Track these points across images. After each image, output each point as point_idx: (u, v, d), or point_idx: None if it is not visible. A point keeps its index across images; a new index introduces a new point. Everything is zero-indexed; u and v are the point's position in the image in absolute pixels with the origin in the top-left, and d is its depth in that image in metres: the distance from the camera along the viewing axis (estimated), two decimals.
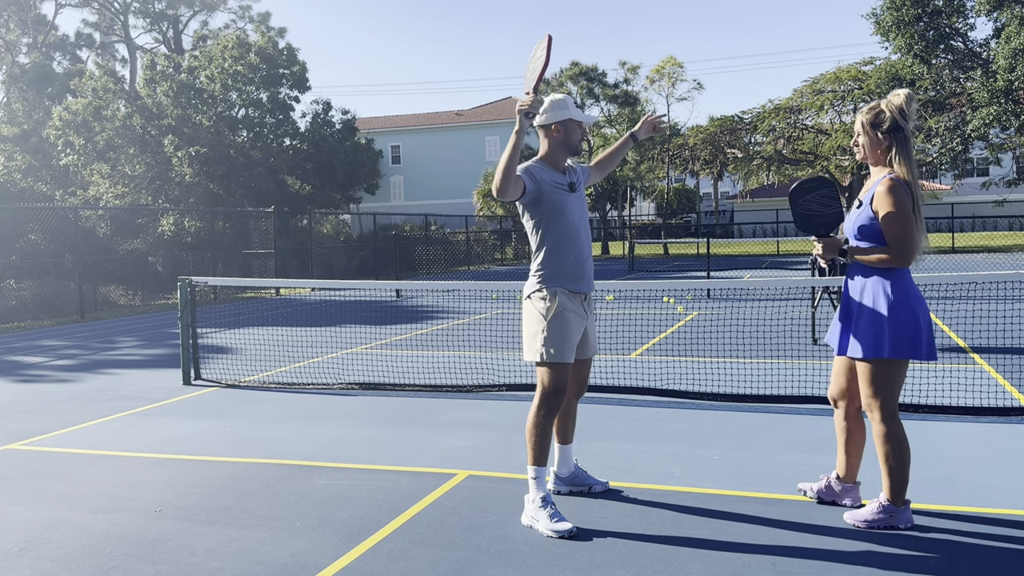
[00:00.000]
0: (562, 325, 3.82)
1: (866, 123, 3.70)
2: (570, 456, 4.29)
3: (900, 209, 3.55)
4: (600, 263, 32.55)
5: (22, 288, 16.29)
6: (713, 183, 48.71)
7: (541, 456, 3.83)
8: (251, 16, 42.92)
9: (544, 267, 3.89)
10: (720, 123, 33.46)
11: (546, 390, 3.82)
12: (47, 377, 8.67)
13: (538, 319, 3.84)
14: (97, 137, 24.38)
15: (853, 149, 3.90)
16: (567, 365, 3.84)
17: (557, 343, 3.80)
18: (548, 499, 3.81)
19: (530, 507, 3.85)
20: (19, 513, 4.28)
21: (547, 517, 3.75)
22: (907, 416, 5.75)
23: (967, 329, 9.83)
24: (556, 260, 3.88)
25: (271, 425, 6.11)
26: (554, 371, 3.81)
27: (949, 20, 25.40)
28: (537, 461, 3.84)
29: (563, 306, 3.83)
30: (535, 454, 3.84)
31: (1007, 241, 35.48)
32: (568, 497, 4.24)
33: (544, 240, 3.89)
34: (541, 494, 3.81)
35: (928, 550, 3.50)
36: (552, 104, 3.93)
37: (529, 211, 3.92)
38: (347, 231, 34.68)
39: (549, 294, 3.85)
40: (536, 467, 3.84)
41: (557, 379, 3.81)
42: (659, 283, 7.43)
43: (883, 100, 3.73)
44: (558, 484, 4.30)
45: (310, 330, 11.95)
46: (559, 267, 3.88)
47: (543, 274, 3.89)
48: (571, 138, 3.96)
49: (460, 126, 53.59)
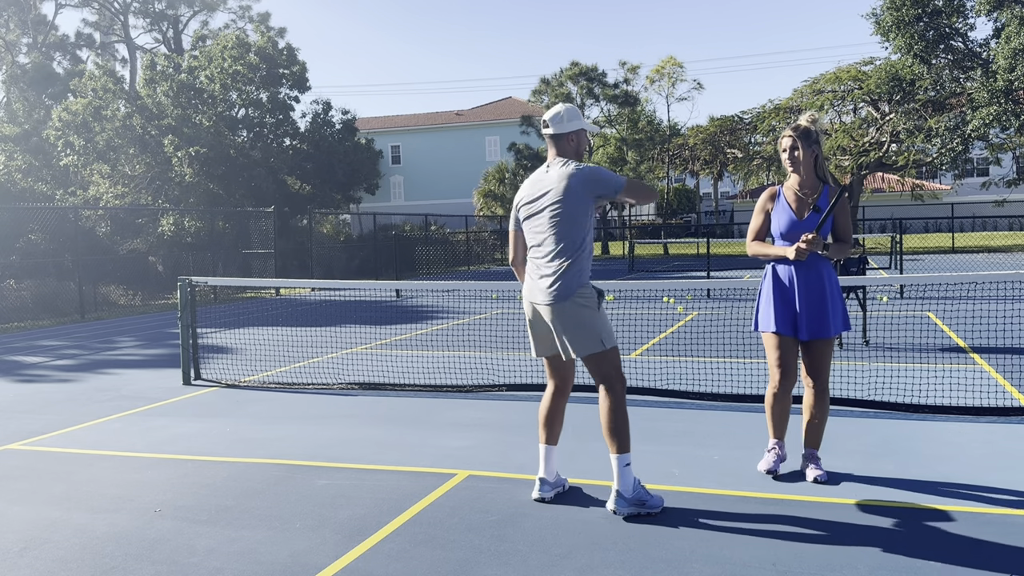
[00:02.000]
0: (604, 315, 4.08)
1: (803, 139, 4.33)
2: (555, 458, 4.28)
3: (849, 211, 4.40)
4: (600, 263, 32.56)
5: (22, 288, 16.29)
6: (713, 183, 48.71)
7: (627, 442, 3.98)
8: (251, 16, 42.96)
9: (584, 266, 4.06)
10: (720, 123, 33.42)
11: (617, 372, 4.01)
12: (47, 377, 8.67)
13: (593, 313, 4.00)
14: (97, 137, 24.38)
15: (785, 162, 4.43)
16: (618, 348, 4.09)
17: (610, 330, 4.04)
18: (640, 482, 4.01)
19: (630, 496, 3.93)
20: (19, 513, 4.28)
21: (649, 496, 3.97)
22: (907, 416, 5.76)
23: (967, 329, 9.83)
24: (589, 260, 4.12)
25: (271, 425, 6.11)
26: (615, 355, 4.02)
27: (949, 20, 25.39)
28: (625, 448, 3.96)
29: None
30: (623, 441, 3.96)
31: (1007, 241, 35.48)
32: (565, 497, 4.24)
33: (586, 242, 4.08)
34: (634, 479, 3.98)
35: (928, 550, 3.50)
36: (568, 113, 4.13)
37: (590, 211, 4.07)
38: (347, 231, 34.71)
39: (591, 289, 4.04)
40: (623, 455, 3.96)
41: (619, 360, 4.05)
42: (659, 283, 7.45)
43: (804, 119, 4.37)
44: (544, 489, 4.21)
45: (310, 330, 11.95)
46: (589, 266, 4.12)
47: (583, 274, 4.05)
48: (582, 146, 4.19)
49: (460, 126, 53.58)
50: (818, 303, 4.29)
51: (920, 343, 8.99)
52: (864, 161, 29.07)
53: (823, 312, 4.29)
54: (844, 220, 4.35)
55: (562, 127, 4.11)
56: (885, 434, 5.30)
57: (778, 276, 4.40)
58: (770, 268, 4.46)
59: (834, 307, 4.31)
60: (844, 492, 4.23)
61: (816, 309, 4.30)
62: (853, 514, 3.92)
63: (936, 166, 29.03)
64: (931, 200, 40.87)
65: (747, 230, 4.57)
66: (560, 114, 4.13)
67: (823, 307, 4.29)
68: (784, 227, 4.37)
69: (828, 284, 4.32)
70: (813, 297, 4.30)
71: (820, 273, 4.32)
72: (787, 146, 4.36)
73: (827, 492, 4.23)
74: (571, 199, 3.98)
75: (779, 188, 4.52)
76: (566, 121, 4.12)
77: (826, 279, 4.32)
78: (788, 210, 4.38)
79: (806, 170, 4.36)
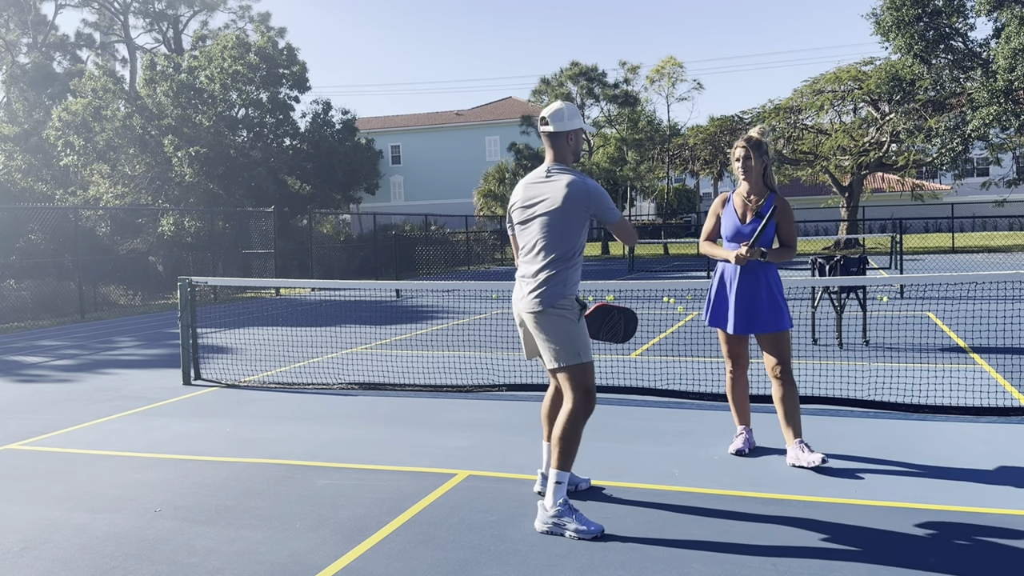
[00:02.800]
0: (583, 327, 3.97)
1: (755, 149, 4.68)
2: None
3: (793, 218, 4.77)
4: (600, 263, 32.56)
5: (22, 288, 16.29)
6: (713, 183, 48.63)
7: (569, 461, 3.84)
8: (251, 16, 42.96)
9: (568, 277, 3.94)
10: (720, 123, 33.40)
11: (584, 390, 3.86)
12: (47, 377, 8.67)
13: (567, 324, 3.89)
14: (97, 137, 24.38)
15: (738, 170, 4.75)
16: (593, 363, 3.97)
17: (586, 344, 3.93)
18: (569, 502, 3.81)
19: (549, 512, 3.79)
20: (19, 513, 4.28)
21: (577, 520, 3.75)
22: (907, 416, 5.76)
23: (967, 329, 9.83)
24: (576, 271, 4.00)
25: (271, 425, 6.11)
26: (589, 371, 3.89)
27: (949, 20, 25.38)
28: (564, 465, 3.82)
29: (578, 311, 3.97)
30: (564, 458, 3.82)
31: (1007, 241, 35.48)
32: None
33: (575, 253, 3.98)
34: (562, 498, 3.79)
35: (928, 550, 3.50)
36: (569, 110, 4.03)
37: (584, 223, 3.96)
38: (347, 231, 34.68)
39: (571, 301, 3.93)
40: (561, 471, 3.82)
41: (592, 377, 3.91)
42: (659, 283, 7.46)
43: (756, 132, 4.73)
44: (545, 485, 4.26)
45: (310, 330, 11.95)
46: (575, 277, 3.99)
47: (567, 284, 3.94)
48: (579, 145, 4.10)
49: (460, 126, 53.57)
50: (751, 301, 4.68)
51: (920, 343, 8.99)
52: (864, 161, 29.06)
53: (755, 310, 4.67)
54: (788, 227, 4.73)
55: (563, 125, 3.98)
56: (885, 434, 5.30)
57: (721, 276, 4.86)
58: (718, 268, 4.91)
59: (771, 305, 4.66)
60: (844, 492, 4.23)
61: (749, 307, 4.68)
62: (853, 514, 3.92)
63: (936, 166, 29.01)
64: (931, 200, 40.87)
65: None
66: (561, 111, 4.00)
67: (758, 304, 4.67)
68: (729, 231, 4.80)
69: (765, 284, 4.68)
70: (748, 296, 4.69)
71: (758, 275, 4.70)
72: (740, 156, 4.73)
73: (827, 492, 4.23)
74: (570, 211, 3.88)
75: (730, 194, 4.90)
76: (567, 119, 3.99)
77: (763, 280, 4.69)
78: (734, 215, 4.79)
79: (755, 178, 4.74)
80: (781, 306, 4.68)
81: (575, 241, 3.94)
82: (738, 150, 4.74)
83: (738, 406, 5.00)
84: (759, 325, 4.68)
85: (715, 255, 4.84)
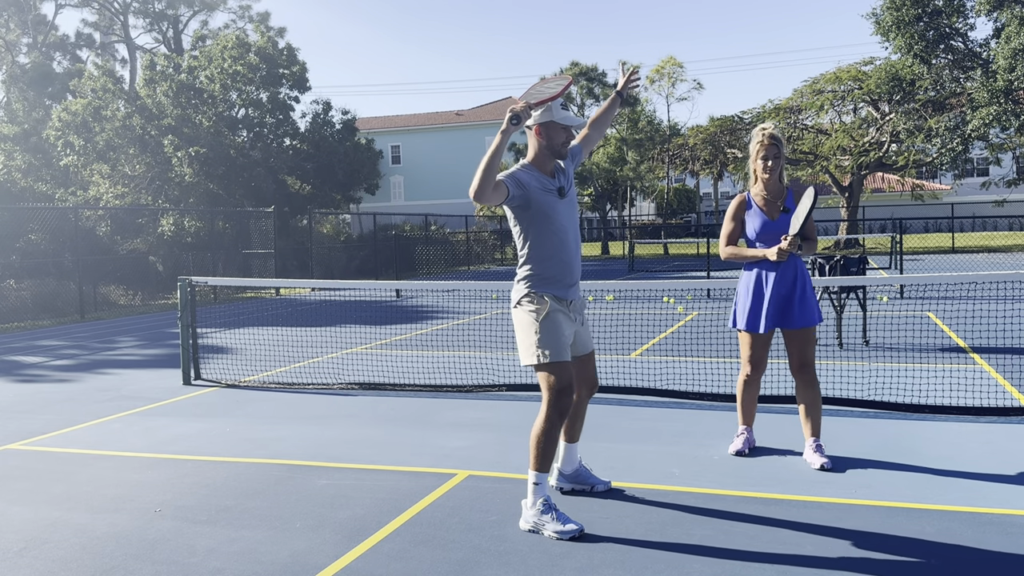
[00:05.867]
0: (554, 324, 3.80)
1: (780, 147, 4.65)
2: (575, 454, 4.29)
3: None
4: (600, 263, 32.55)
5: (22, 288, 16.29)
6: (713, 183, 48.66)
7: (545, 462, 3.78)
8: (251, 16, 42.90)
9: (532, 273, 3.85)
10: (720, 123, 33.41)
11: (552, 392, 3.74)
12: (47, 377, 8.66)
13: (530, 323, 3.80)
14: (97, 137, 24.37)
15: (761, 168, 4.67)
16: (566, 363, 3.80)
17: (552, 343, 3.77)
18: (549, 502, 3.77)
19: (530, 512, 3.80)
20: (19, 513, 4.28)
21: (553, 520, 3.72)
22: (907, 416, 5.76)
23: (967, 329, 9.83)
24: (543, 266, 3.84)
25: (271, 425, 6.11)
26: (555, 371, 3.76)
27: (949, 20, 25.38)
28: (540, 467, 3.78)
29: (553, 307, 3.82)
30: (540, 460, 3.77)
31: (1007, 241, 35.47)
32: (569, 496, 4.24)
33: (532, 246, 3.84)
34: (542, 499, 3.77)
35: (928, 550, 3.50)
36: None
37: (516, 216, 3.86)
38: (347, 231, 34.69)
39: (537, 298, 3.82)
40: (538, 473, 3.79)
41: (560, 379, 3.75)
42: (659, 283, 7.46)
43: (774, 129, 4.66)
44: (561, 481, 4.30)
45: (310, 330, 11.95)
46: (546, 272, 3.84)
47: (531, 280, 3.84)
48: (553, 141, 3.86)
49: (460, 126, 53.57)
50: (788, 297, 4.66)
51: (920, 343, 8.99)
52: (864, 161, 29.06)
53: (792, 305, 4.65)
54: (810, 220, 4.69)
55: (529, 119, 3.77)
56: (885, 434, 5.30)
57: (755, 276, 4.77)
58: (748, 269, 4.82)
59: (804, 300, 4.65)
60: (844, 492, 4.23)
61: (786, 302, 4.66)
62: (853, 514, 3.92)
63: (936, 166, 29.02)
64: (931, 200, 40.88)
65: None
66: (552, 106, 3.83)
67: (792, 300, 4.65)
68: (757, 230, 4.73)
69: (800, 279, 4.68)
70: (784, 291, 4.66)
71: (795, 270, 4.70)
72: (771, 155, 4.65)
73: (827, 492, 4.23)
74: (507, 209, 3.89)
75: (747, 195, 4.82)
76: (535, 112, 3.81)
77: (799, 274, 4.69)
78: (760, 214, 4.73)
79: (772, 176, 4.70)
80: (813, 300, 4.68)
81: (525, 236, 3.85)
82: (768, 148, 4.64)
83: (746, 407, 4.99)
84: (793, 320, 4.64)
85: (746, 256, 4.74)
